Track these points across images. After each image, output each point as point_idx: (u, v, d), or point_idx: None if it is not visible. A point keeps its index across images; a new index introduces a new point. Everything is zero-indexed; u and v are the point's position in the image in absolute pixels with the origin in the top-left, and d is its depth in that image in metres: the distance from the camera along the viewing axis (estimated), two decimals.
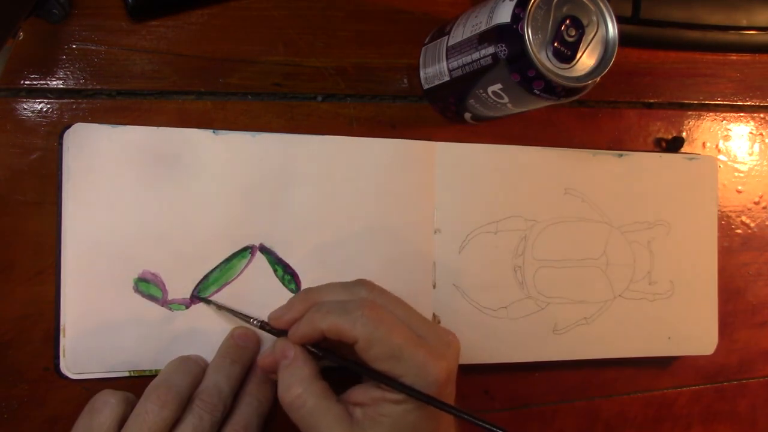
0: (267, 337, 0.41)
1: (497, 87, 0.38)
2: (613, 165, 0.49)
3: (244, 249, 0.41)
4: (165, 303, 0.40)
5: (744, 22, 0.51)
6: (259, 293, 0.41)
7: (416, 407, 0.35)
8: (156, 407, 0.35)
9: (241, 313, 0.40)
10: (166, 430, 0.35)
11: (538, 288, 0.47)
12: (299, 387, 0.35)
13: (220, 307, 0.40)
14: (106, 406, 0.35)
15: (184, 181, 0.40)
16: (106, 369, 0.39)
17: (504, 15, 0.35)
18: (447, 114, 0.46)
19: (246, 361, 0.40)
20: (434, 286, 0.45)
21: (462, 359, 0.38)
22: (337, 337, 0.35)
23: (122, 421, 0.35)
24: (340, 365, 0.37)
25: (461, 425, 0.38)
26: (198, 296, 0.40)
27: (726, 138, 0.54)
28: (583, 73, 0.37)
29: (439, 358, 0.34)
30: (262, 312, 0.41)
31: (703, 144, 0.53)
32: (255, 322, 0.40)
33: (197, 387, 0.37)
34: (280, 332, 0.38)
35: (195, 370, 0.38)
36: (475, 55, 0.38)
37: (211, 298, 0.40)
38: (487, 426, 0.33)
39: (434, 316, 0.45)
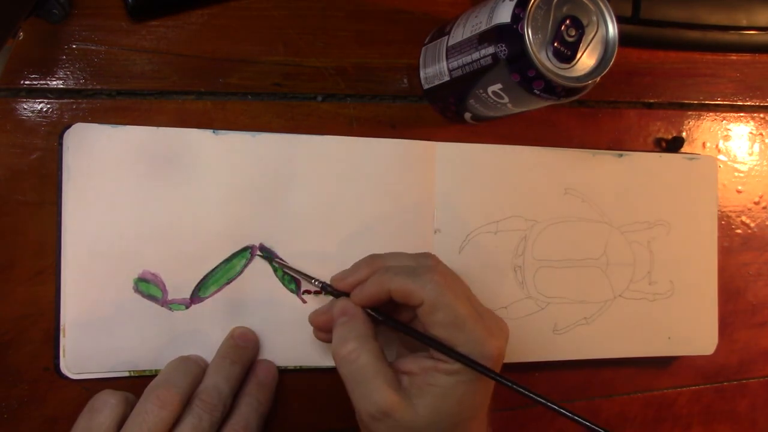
0: (267, 337, 0.41)
1: (497, 87, 0.38)
2: (613, 165, 0.49)
3: (244, 249, 0.41)
4: (165, 303, 0.40)
5: (744, 22, 0.51)
6: (259, 293, 0.41)
7: (466, 381, 0.35)
8: (155, 407, 0.35)
9: (304, 274, 0.41)
10: (165, 430, 0.35)
11: (538, 288, 0.47)
12: (355, 342, 0.36)
13: (283, 266, 0.41)
14: (105, 406, 0.35)
15: (184, 181, 0.40)
16: (106, 369, 0.39)
17: (504, 15, 0.35)
18: (447, 114, 0.46)
19: (246, 361, 0.40)
20: None
21: None
22: (404, 299, 0.35)
23: (122, 421, 0.35)
24: (398, 330, 0.37)
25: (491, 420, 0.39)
26: (260, 254, 0.41)
27: (726, 138, 0.54)
28: (583, 73, 0.37)
29: (495, 337, 0.35)
30: (263, 312, 0.41)
31: (703, 144, 0.53)
32: (316, 282, 0.40)
33: (197, 387, 0.37)
34: (340, 294, 0.39)
35: (195, 370, 0.38)
36: (475, 55, 0.38)
37: (275, 258, 0.41)
38: (540, 400, 0.33)
39: None
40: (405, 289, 0.35)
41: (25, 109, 0.39)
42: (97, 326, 0.39)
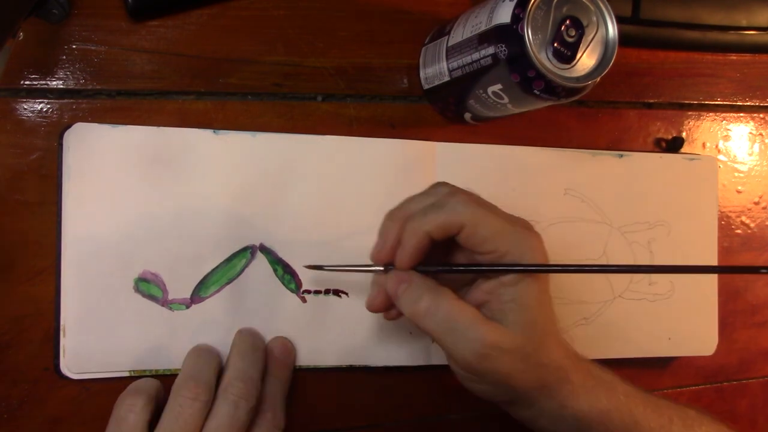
0: (267, 337, 0.41)
1: (497, 87, 0.38)
2: (613, 165, 0.49)
3: (244, 249, 0.41)
4: (165, 303, 0.40)
5: (744, 22, 0.51)
6: (260, 292, 0.41)
7: (532, 281, 0.35)
8: (188, 400, 0.35)
9: (353, 266, 0.39)
10: (201, 421, 0.35)
11: None
12: (428, 296, 0.35)
13: (336, 269, 0.40)
14: (130, 413, 0.35)
15: (184, 181, 0.40)
16: (106, 369, 0.39)
17: (504, 15, 0.35)
18: (447, 114, 0.46)
19: (262, 347, 0.40)
20: None
21: None
22: (444, 233, 0.35)
23: (150, 420, 0.35)
24: (453, 272, 0.37)
25: None
26: (312, 265, 0.40)
27: (726, 138, 0.54)
28: (583, 73, 0.37)
29: (533, 232, 0.36)
30: (263, 312, 0.41)
31: (703, 144, 0.53)
32: (365, 267, 0.39)
33: (219, 375, 0.38)
34: (386, 268, 0.37)
35: (214, 360, 0.38)
36: (475, 56, 0.38)
37: (323, 266, 0.40)
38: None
39: None
40: (441, 224, 0.35)
41: (25, 109, 0.39)
42: (97, 326, 0.39)
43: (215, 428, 0.35)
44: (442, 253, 0.38)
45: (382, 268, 0.37)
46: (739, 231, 0.54)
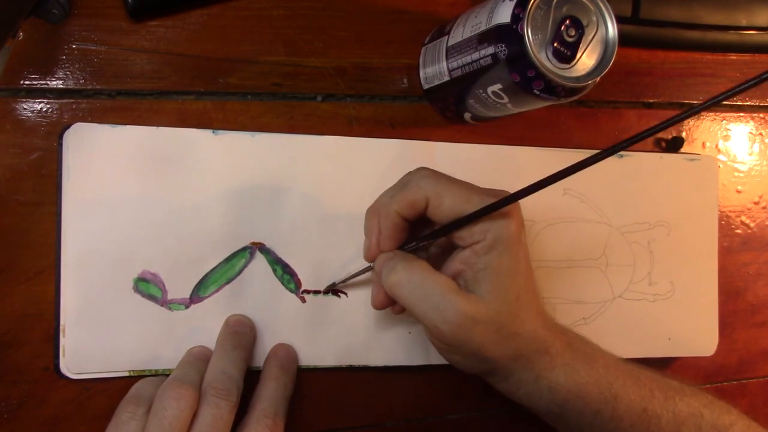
0: (267, 336, 0.41)
1: (497, 87, 0.38)
2: (613, 165, 0.49)
3: (244, 249, 0.41)
4: (165, 303, 0.40)
5: (744, 22, 0.51)
6: (259, 292, 0.41)
7: (505, 248, 0.36)
8: (172, 401, 0.35)
9: (355, 274, 0.42)
10: (186, 421, 0.35)
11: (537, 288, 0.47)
12: (401, 265, 0.36)
13: (344, 282, 0.42)
14: (132, 420, 0.35)
15: (184, 181, 0.40)
16: (106, 369, 0.39)
17: (504, 15, 0.35)
18: (447, 114, 0.46)
19: (246, 344, 0.40)
20: None
21: None
22: (412, 210, 0.36)
23: None
24: (430, 239, 0.38)
25: None
26: (325, 290, 0.42)
27: (726, 138, 0.54)
28: (582, 73, 0.37)
29: (500, 192, 0.36)
30: (262, 311, 0.41)
31: (703, 144, 0.53)
32: (367, 268, 0.41)
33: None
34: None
35: (202, 363, 0.38)
36: (475, 55, 0.38)
37: (334, 285, 0.42)
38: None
39: None
40: (406, 201, 0.36)
41: (24, 109, 0.39)
42: (97, 326, 0.39)
43: (200, 430, 0.35)
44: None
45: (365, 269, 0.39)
46: (739, 231, 0.54)
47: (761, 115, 0.55)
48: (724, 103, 0.53)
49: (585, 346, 0.39)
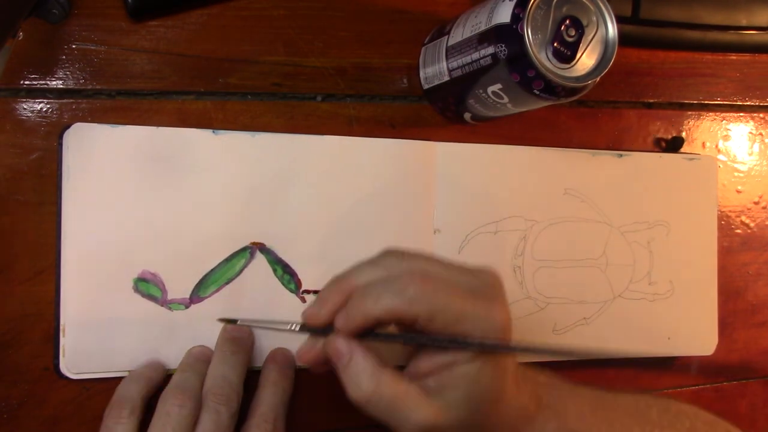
0: (267, 336, 0.41)
1: (497, 87, 0.38)
2: (613, 165, 0.49)
3: (244, 249, 0.41)
4: (164, 303, 0.40)
5: (744, 22, 0.51)
6: (259, 292, 0.41)
7: (489, 361, 0.34)
8: (175, 407, 0.35)
9: (275, 322, 0.39)
10: (189, 427, 0.35)
11: (538, 288, 0.47)
12: (370, 383, 0.33)
13: (250, 324, 0.40)
14: (118, 424, 0.35)
15: (184, 181, 0.40)
16: (105, 369, 0.39)
17: (504, 15, 0.35)
18: (447, 114, 0.46)
19: (245, 349, 0.40)
20: None
21: None
22: (395, 320, 0.34)
23: (142, 419, 0.36)
24: (405, 344, 0.36)
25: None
26: (227, 319, 0.40)
27: (726, 138, 0.54)
28: (582, 73, 0.37)
29: (496, 304, 0.34)
30: (262, 311, 0.41)
31: (703, 144, 0.53)
32: (294, 327, 0.37)
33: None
34: (323, 330, 0.35)
35: (201, 367, 0.38)
36: (475, 55, 0.38)
37: (237, 319, 0.40)
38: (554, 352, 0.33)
39: None
40: (393, 312, 0.33)
41: (24, 109, 0.39)
42: (97, 326, 0.39)
43: None
44: None
45: (295, 327, 0.37)
46: (738, 231, 0.54)
47: (761, 115, 0.55)
48: (724, 103, 0.54)
49: (558, 399, 0.38)
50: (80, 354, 0.39)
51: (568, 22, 0.36)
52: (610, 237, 0.49)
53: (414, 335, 0.35)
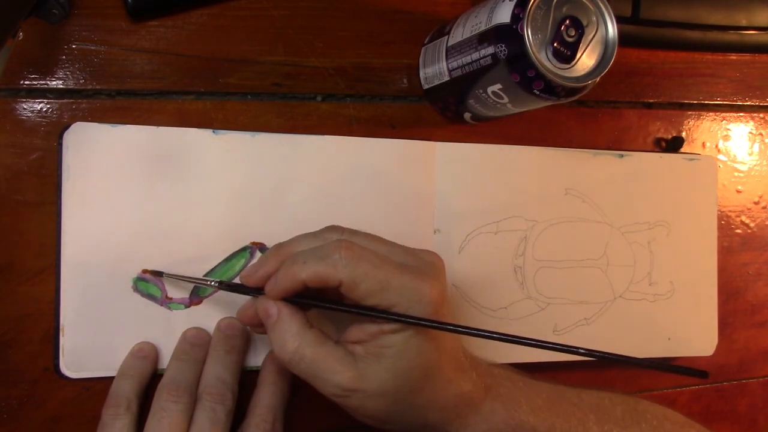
0: (266, 336, 0.41)
1: (497, 87, 0.38)
2: (614, 165, 0.49)
3: (243, 249, 0.41)
4: (164, 302, 0.40)
5: (744, 22, 0.51)
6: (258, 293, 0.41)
7: (416, 332, 0.34)
8: (170, 403, 0.36)
9: (198, 278, 0.40)
10: (185, 422, 0.36)
11: (539, 288, 0.47)
12: (293, 341, 0.34)
13: (176, 278, 0.40)
14: (116, 420, 0.36)
15: (184, 181, 0.40)
16: (105, 368, 0.39)
17: (504, 15, 0.35)
18: (447, 114, 0.46)
19: (239, 348, 0.40)
20: None
21: None
22: (321, 284, 0.34)
23: (139, 413, 0.37)
24: (329, 309, 0.36)
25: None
26: (154, 271, 0.40)
27: (726, 138, 0.54)
28: (582, 73, 0.37)
29: (428, 279, 0.34)
30: None
31: (703, 144, 0.53)
32: (213, 283, 0.39)
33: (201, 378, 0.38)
34: (255, 290, 0.37)
35: (196, 362, 0.39)
36: (475, 56, 0.38)
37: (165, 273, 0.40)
38: (486, 335, 0.33)
39: None
40: (318, 275, 0.33)
41: (24, 109, 0.39)
42: (97, 326, 0.39)
43: None
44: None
45: (214, 284, 0.38)
46: (739, 231, 0.54)
47: (761, 115, 0.55)
48: (724, 103, 0.54)
49: (510, 391, 0.38)
50: (80, 354, 0.39)
51: (568, 22, 0.36)
52: (610, 237, 0.49)
53: (340, 304, 0.35)
